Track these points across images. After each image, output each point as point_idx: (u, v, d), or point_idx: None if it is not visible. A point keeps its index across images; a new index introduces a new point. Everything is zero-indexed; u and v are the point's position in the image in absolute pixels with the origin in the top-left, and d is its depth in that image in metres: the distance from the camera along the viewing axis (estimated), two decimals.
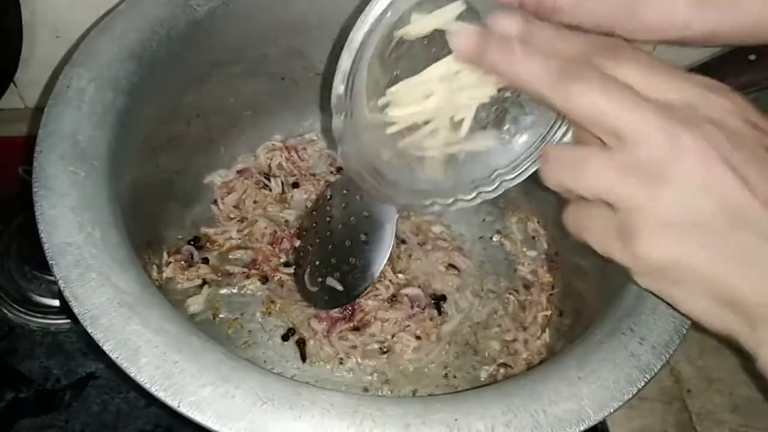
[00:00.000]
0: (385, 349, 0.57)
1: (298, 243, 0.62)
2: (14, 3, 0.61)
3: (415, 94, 0.37)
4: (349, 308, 0.58)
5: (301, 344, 0.57)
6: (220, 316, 0.58)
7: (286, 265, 0.61)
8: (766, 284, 0.29)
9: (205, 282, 0.59)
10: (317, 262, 0.58)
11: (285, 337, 0.57)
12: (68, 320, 0.59)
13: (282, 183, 0.66)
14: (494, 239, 0.66)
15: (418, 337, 0.57)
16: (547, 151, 0.33)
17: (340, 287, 0.56)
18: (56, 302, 0.60)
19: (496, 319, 0.60)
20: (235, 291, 0.60)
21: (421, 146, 0.40)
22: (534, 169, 0.40)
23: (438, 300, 0.60)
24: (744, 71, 0.44)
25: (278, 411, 0.34)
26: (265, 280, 0.60)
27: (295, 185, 0.66)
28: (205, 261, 0.61)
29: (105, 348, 0.35)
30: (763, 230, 0.29)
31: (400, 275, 0.60)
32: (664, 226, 0.29)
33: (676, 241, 0.29)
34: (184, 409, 0.33)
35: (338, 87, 0.36)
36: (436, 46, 0.35)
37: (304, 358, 0.57)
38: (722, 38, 0.34)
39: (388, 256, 0.54)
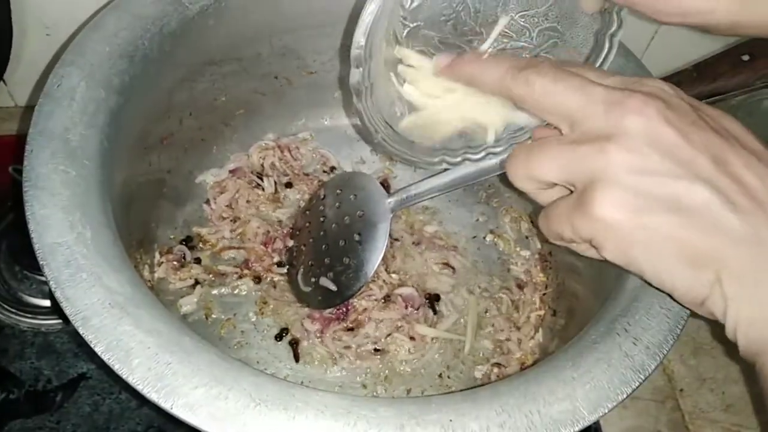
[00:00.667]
0: (379, 350, 0.57)
1: (291, 243, 0.62)
2: (4, 1, 0.60)
3: (437, 84, 0.39)
4: (343, 308, 0.57)
5: (294, 345, 0.57)
6: (213, 316, 0.58)
7: (279, 265, 0.61)
8: (719, 237, 0.30)
9: (197, 282, 0.59)
10: (311, 262, 0.58)
11: (278, 338, 0.57)
12: (59, 321, 0.58)
13: (275, 182, 0.65)
14: (487, 239, 0.66)
15: (412, 338, 0.57)
16: (512, 151, 0.36)
17: (333, 287, 0.56)
18: (47, 302, 0.59)
19: (489, 318, 0.60)
20: (227, 291, 0.59)
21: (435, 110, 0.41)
22: None
23: (432, 300, 0.60)
24: (737, 71, 0.44)
25: (272, 412, 0.33)
26: (258, 280, 0.60)
27: (288, 185, 0.66)
28: (198, 261, 0.60)
29: (96, 349, 0.34)
30: (716, 185, 0.30)
31: (393, 275, 0.60)
32: (616, 182, 0.30)
33: (629, 196, 0.30)
34: (177, 411, 0.33)
35: (359, 40, 0.36)
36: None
37: (297, 358, 0.56)
38: (745, 29, 0.37)
39: (381, 255, 0.54)
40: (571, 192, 0.33)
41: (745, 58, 0.44)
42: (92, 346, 0.34)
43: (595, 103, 0.31)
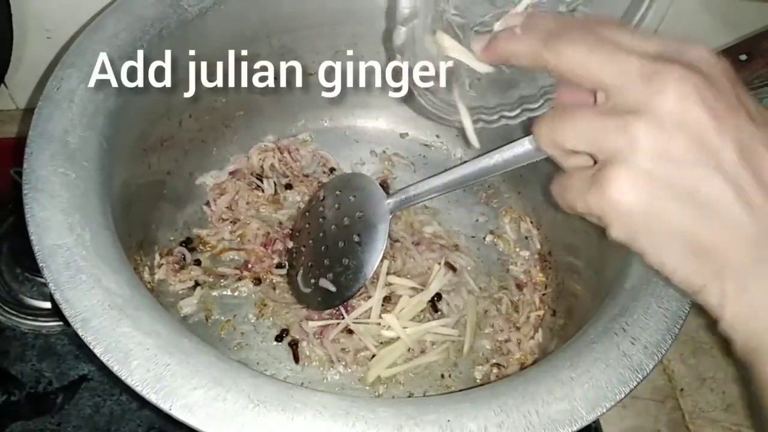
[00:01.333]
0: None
1: (291, 244, 0.62)
2: (4, 3, 0.61)
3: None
4: (342, 309, 0.57)
5: (294, 346, 0.57)
6: (213, 317, 0.58)
7: (279, 266, 0.61)
8: (727, 234, 0.29)
9: (197, 284, 0.59)
10: (310, 264, 0.58)
11: (278, 339, 0.57)
12: (60, 323, 0.59)
13: (275, 184, 0.66)
14: (487, 239, 0.66)
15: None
16: (542, 115, 0.35)
17: (333, 288, 0.56)
18: (48, 304, 0.60)
19: (489, 319, 0.60)
20: (227, 293, 0.59)
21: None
22: None
23: (433, 299, 0.60)
24: (736, 71, 0.44)
25: (270, 413, 0.33)
26: (258, 281, 0.60)
27: (288, 186, 0.66)
28: (198, 263, 0.60)
29: (96, 351, 0.34)
30: (735, 179, 0.29)
31: (393, 276, 0.60)
32: (635, 164, 0.29)
33: (645, 180, 0.29)
34: (176, 412, 0.33)
35: (405, 3, 0.38)
36: None
37: (297, 359, 0.56)
38: None
39: (380, 256, 0.54)
40: (595, 163, 0.32)
41: (743, 57, 0.44)
42: (91, 347, 0.34)
43: (629, 74, 0.30)
